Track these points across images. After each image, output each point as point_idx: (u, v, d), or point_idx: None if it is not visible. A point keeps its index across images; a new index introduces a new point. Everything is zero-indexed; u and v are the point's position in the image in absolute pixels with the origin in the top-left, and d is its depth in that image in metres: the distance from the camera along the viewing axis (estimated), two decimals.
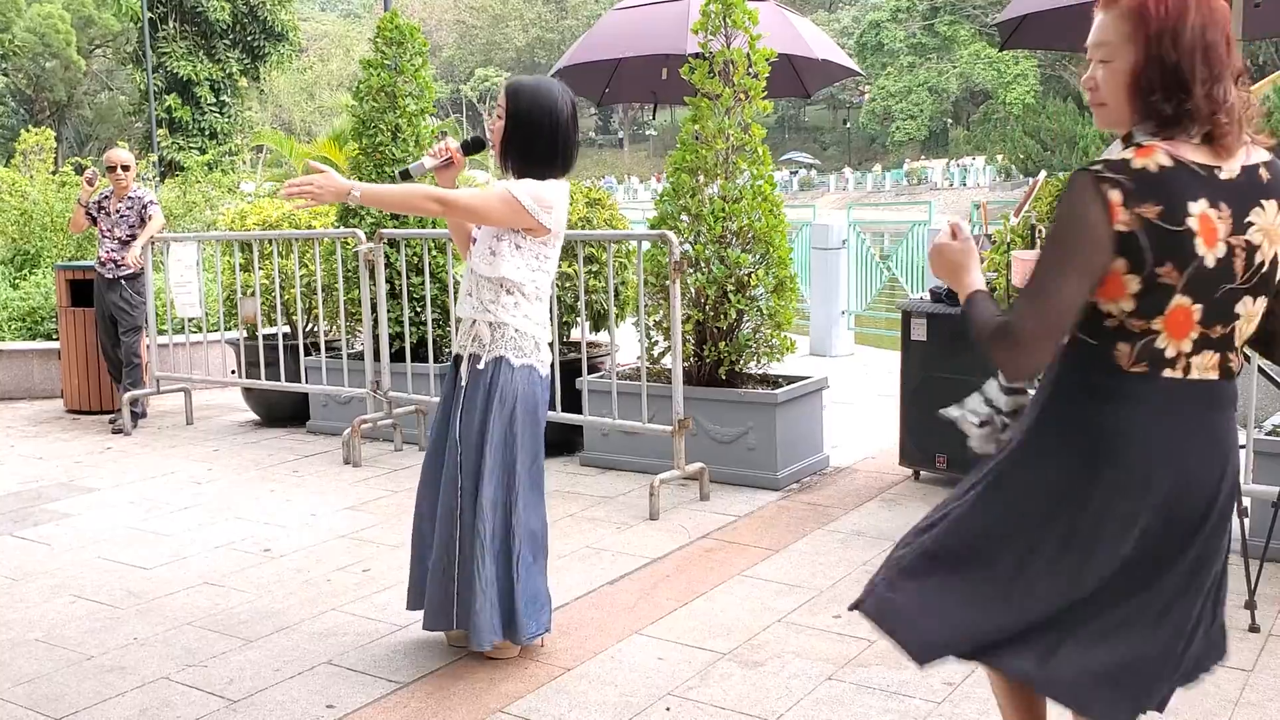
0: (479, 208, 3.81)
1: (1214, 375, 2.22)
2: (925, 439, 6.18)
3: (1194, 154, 2.14)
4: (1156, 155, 2.11)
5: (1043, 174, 5.90)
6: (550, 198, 3.83)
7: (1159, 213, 2.09)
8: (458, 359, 4.00)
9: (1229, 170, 2.15)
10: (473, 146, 4.08)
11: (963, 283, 2.37)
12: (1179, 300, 2.13)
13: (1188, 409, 2.21)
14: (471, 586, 3.81)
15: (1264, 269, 2.18)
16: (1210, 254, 2.11)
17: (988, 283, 5.71)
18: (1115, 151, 2.21)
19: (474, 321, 3.93)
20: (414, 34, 7.83)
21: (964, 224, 2.46)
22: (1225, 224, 2.12)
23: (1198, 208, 2.10)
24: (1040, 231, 4.94)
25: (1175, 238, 2.09)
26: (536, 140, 3.87)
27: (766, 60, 6.33)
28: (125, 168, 8.30)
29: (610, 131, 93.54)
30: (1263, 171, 2.19)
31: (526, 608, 3.86)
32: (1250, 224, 2.15)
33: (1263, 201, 2.17)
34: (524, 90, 3.87)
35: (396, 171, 3.69)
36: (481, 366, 3.88)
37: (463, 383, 3.92)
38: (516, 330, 3.89)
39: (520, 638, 3.89)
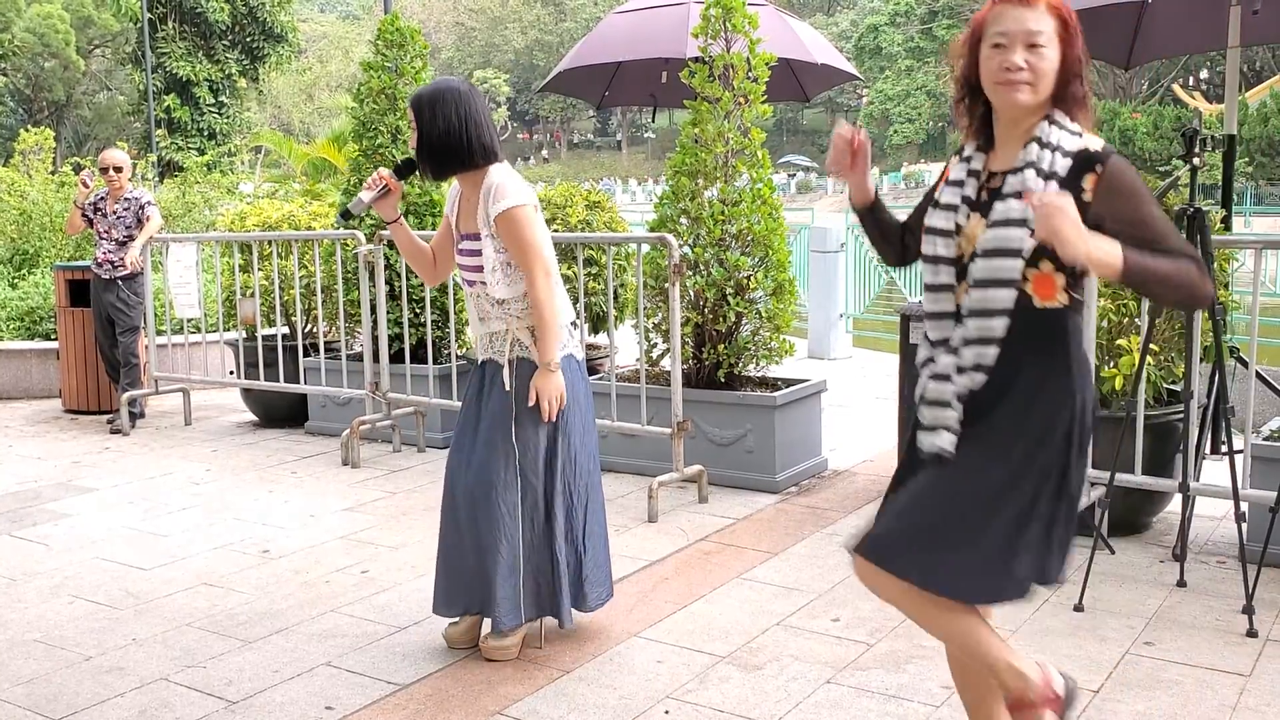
0: (534, 249, 3.88)
1: None
2: None
3: None
4: (1090, 136, 2.56)
5: None
6: (517, 185, 3.91)
7: None
8: (490, 364, 4.04)
9: None
10: (405, 169, 4.09)
11: (1102, 245, 2.41)
12: None
13: None
14: (552, 575, 4.03)
15: None
16: None
17: None
18: (1061, 136, 2.53)
19: (508, 329, 3.97)
20: (415, 36, 7.84)
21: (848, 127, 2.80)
22: None
23: None
24: None
25: None
26: (453, 139, 3.87)
27: (766, 64, 6.34)
28: (119, 169, 8.30)
29: (609, 134, 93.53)
30: None
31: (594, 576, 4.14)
32: None
33: None
34: (424, 98, 3.89)
35: (336, 215, 3.68)
36: (532, 368, 3.95)
37: (507, 388, 3.96)
38: (514, 330, 3.99)
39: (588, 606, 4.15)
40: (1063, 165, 2.50)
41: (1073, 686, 2.85)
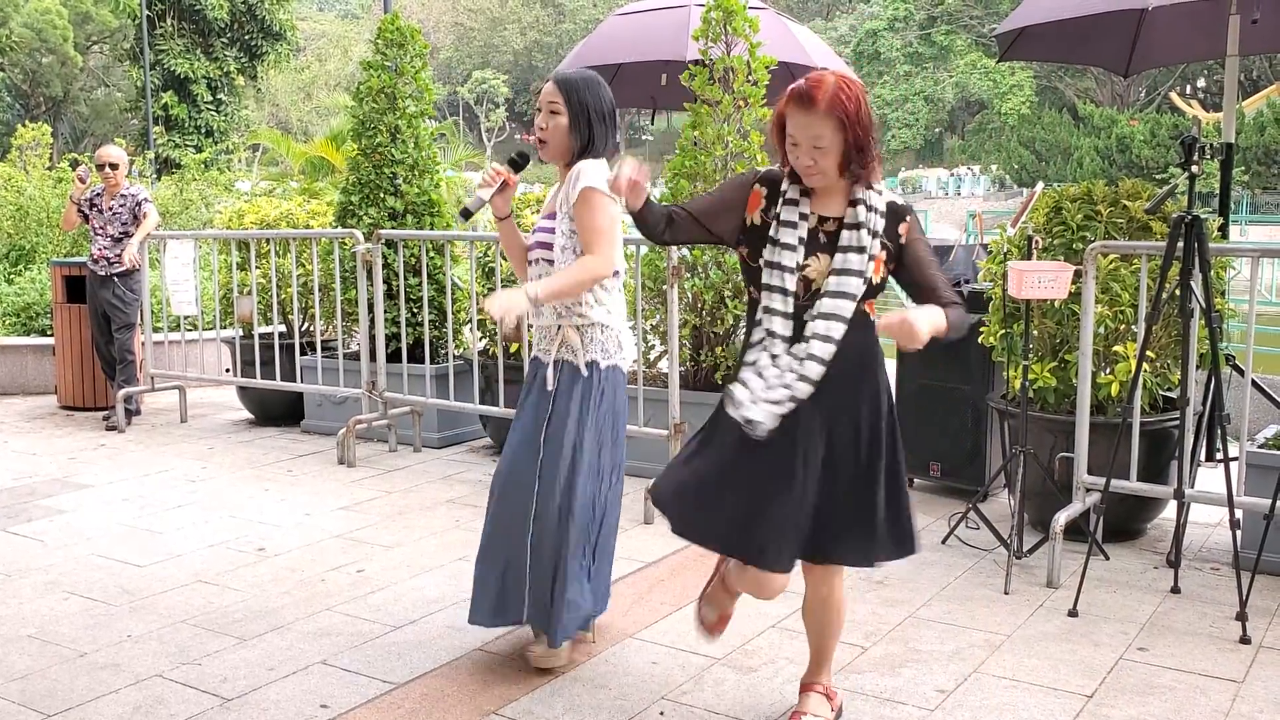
0: (604, 237, 3.80)
1: None
2: (919, 447, 6.19)
3: None
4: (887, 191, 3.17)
5: (1040, 185, 5.93)
6: (603, 173, 3.82)
7: None
8: (537, 362, 3.98)
9: None
10: (520, 163, 3.96)
11: (934, 324, 3.03)
12: None
13: None
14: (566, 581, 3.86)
15: None
16: None
17: (982, 294, 5.74)
18: (873, 198, 3.14)
19: (559, 328, 3.89)
20: (415, 36, 7.84)
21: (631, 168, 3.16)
22: None
23: None
24: (1037, 242, 4.96)
25: None
26: (599, 127, 3.84)
27: (766, 68, 6.35)
28: (115, 165, 8.30)
29: None
30: None
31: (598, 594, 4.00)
32: None
33: None
34: (577, 83, 3.84)
35: (457, 214, 3.64)
36: (576, 372, 3.87)
37: (550, 388, 3.89)
38: (604, 329, 3.88)
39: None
40: (880, 223, 3.11)
41: None
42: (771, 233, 3.14)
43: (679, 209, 3.30)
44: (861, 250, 3.08)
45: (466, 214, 3.85)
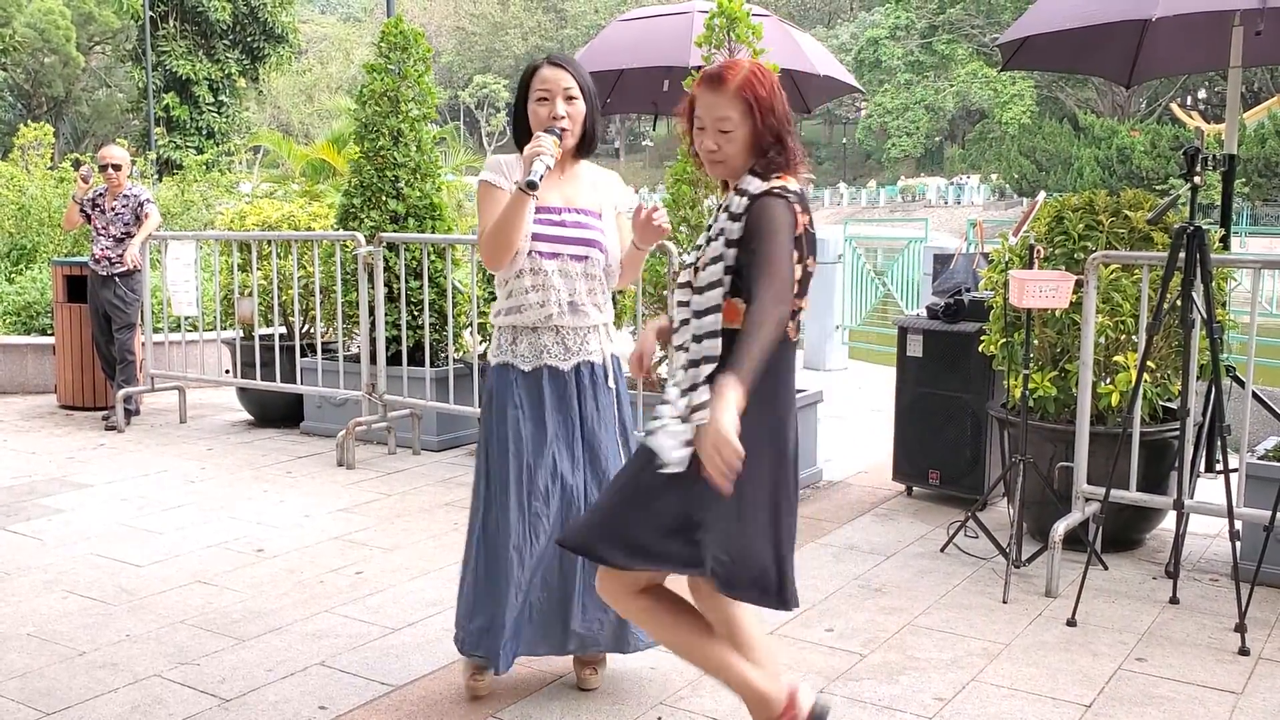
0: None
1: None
2: (918, 455, 6.21)
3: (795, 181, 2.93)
4: (790, 182, 2.89)
5: (1042, 194, 5.94)
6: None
7: (809, 220, 2.92)
8: (553, 371, 3.65)
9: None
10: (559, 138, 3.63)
11: (735, 399, 2.61)
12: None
13: None
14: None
15: None
16: None
17: (984, 302, 5.74)
18: (752, 183, 2.88)
19: (587, 329, 3.68)
20: (418, 39, 7.85)
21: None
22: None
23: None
24: (1039, 251, 4.97)
25: (814, 238, 2.97)
26: (597, 125, 3.70)
27: None
28: (118, 166, 8.31)
29: (607, 141, 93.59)
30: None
31: None
32: None
33: None
34: (588, 79, 3.66)
35: (524, 185, 3.38)
36: (598, 374, 3.70)
37: (611, 384, 3.73)
38: (608, 325, 3.76)
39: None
40: (743, 205, 2.87)
41: (823, 709, 3.14)
42: None
43: None
44: (725, 242, 2.87)
45: (533, 185, 3.42)
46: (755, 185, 2.87)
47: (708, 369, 2.85)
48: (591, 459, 3.66)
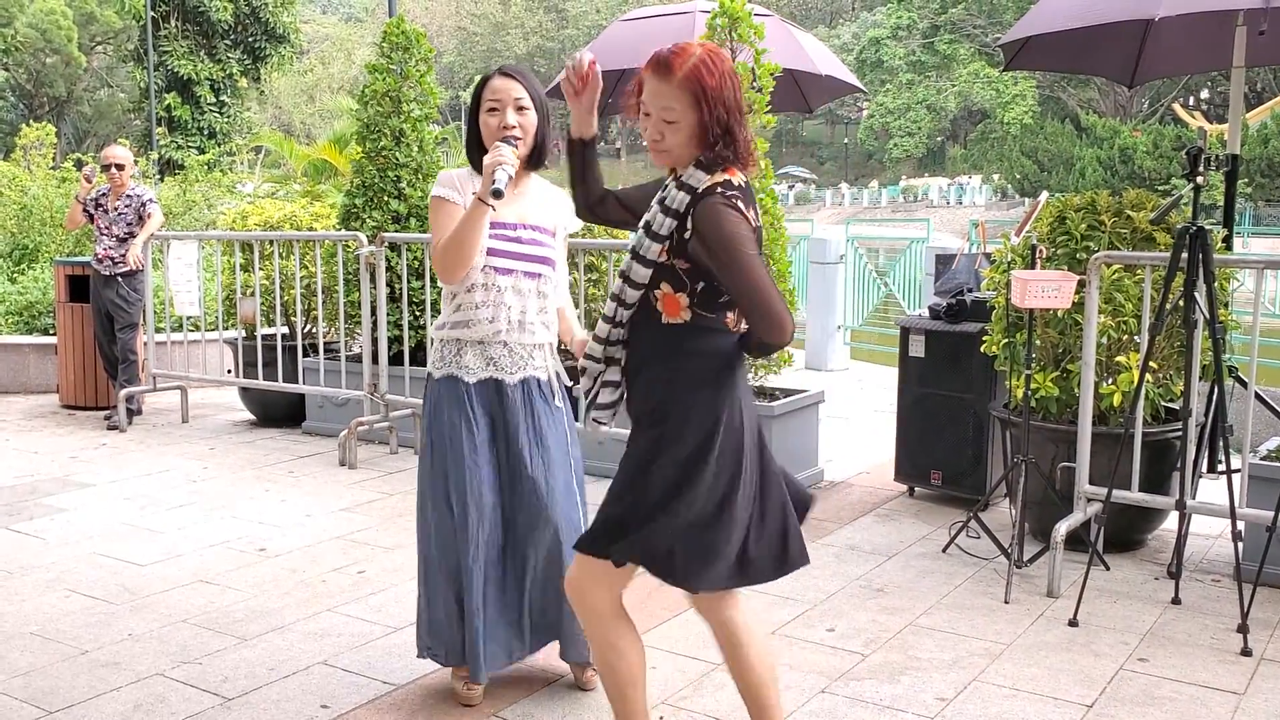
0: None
1: None
2: (920, 455, 6.21)
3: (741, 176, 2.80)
4: (735, 176, 2.76)
5: (1044, 195, 5.93)
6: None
7: (755, 214, 2.76)
8: (499, 383, 3.61)
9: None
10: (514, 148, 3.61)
11: None
12: None
13: None
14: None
15: None
16: None
17: (986, 302, 5.73)
18: (697, 177, 2.74)
19: (534, 345, 3.65)
20: (420, 40, 7.85)
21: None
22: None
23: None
24: (1041, 251, 4.97)
25: (760, 231, 2.79)
26: (548, 131, 3.65)
27: (771, 75, 6.36)
28: (121, 166, 8.32)
29: (608, 141, 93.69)
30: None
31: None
32: None
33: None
34: (531, 75, 3.63)
35: (488, 195, 3.33)
36: (544, 389, 3.66)
37: (558, 402, 3.70)
38: (553, 345, 3.73)
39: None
40: (682, 202, 2.73)
41: None
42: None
43: (613, 191, 3.10)
44: (645, 229, 2.79)
45: (498, 194, 3.38)
46: (699, 179, 2.75)
47: (613, 372, 2.90)
48: (532, 473, 3.60)
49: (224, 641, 4.23)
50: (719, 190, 2.71)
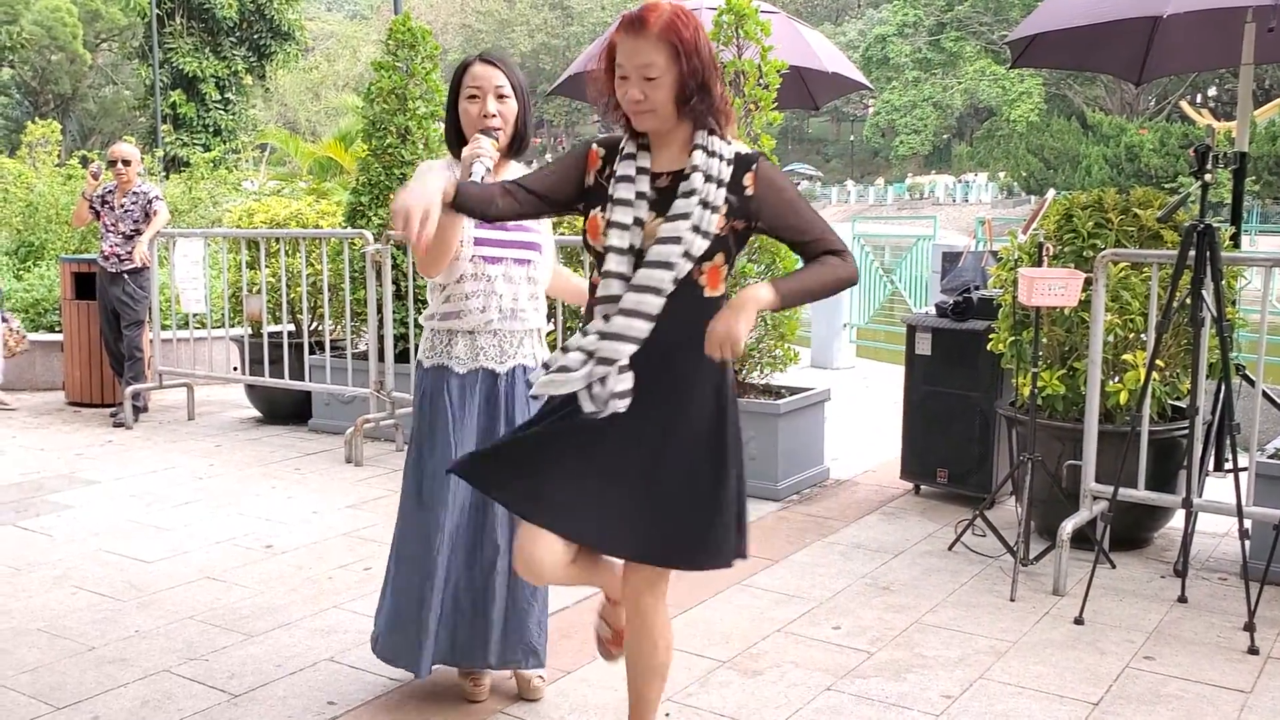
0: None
1: None
2: (926, 453, 6.20)
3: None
4: (737, 143, 2.81)
5: (1051, 193, 5.93)
6: None
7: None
8: (488, 373, 3.60)
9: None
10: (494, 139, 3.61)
11: (758, 298, 2.75)
12: None
13: None
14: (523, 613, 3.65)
15: None
16: None
17: (993, 300, 5.72)
18: (719, 144, 2.76)
19: (524, 333, 3.65)
20: (426, 37, 7.86)
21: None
22: None
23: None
24: (1048, 249, 4.96)
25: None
26: (529, 119, 3.64)
27: (777, 71, 6.36)
28: (127, 163, 8.32)
29: None
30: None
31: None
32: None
33: None
34: (512, 63, 3.64)
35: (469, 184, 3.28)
36: (531, 379, 3.59)
37: (515, 401, 3.62)
38: (541, 330, 3.74)
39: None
40: (725, 170, 2.75)
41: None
42: (610, 191, 2.80)
43: (515, 184, 2.90)
44: (701, 203, 2.71)
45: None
46: (723, 146, 2.76)
47: (628, 350, 2.73)
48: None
49: (230, 638, 4.23)
50: (750, 151, 2.81)
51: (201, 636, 4.25)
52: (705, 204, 2.72)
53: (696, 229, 2.71)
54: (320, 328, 8.22)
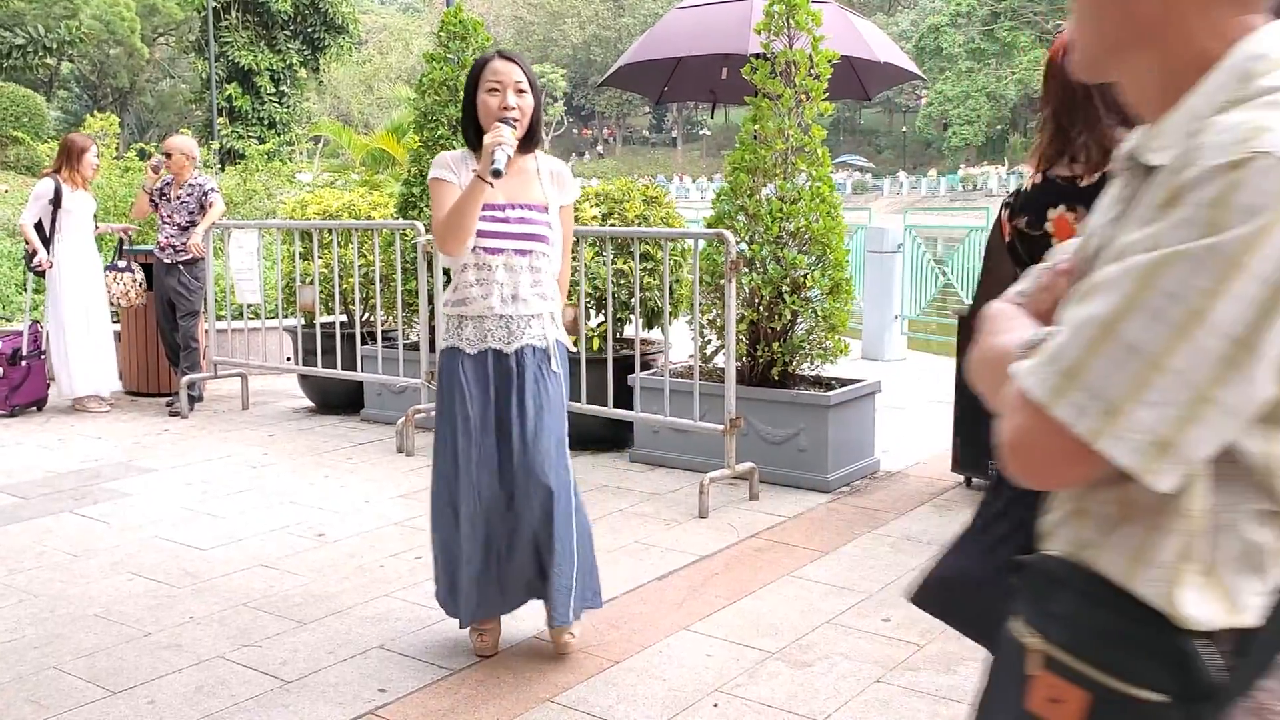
0: (571, 241, 4.10)
1: None
2: (978, 446, 6.15)
3: None
4: None
5: None
6: None
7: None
8: (498, 353, 3.81)
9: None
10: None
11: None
12: None
13: None
14: (564, 565, 3.85)
15: None
16: None
17: None
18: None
19: (530, 316, 3.84)
20: (477, 29, 7.88)
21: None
22: None
23: None
24: None
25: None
26: (541, 116, 3.92)
27: (828, 62, 6.32)
28: (168, 155, 8.42)
29: (664, 130, 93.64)
30: None
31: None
32: None
33: None
34: (526, 61, 3.90)
35: (488, 173, 3.55)
36: (539, 356, 3.85)
37: (556, 368, 3.87)
38: (554, 313, 3.93)
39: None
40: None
41: None
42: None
43: None
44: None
45: (498, 174, 3.57)
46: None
47: None
48: (525, 434, 3.79)
49: (283, 625, 4.28)
50: None
51: (254, 623, 4.30)
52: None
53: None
54: (372, 318, 8.28)
